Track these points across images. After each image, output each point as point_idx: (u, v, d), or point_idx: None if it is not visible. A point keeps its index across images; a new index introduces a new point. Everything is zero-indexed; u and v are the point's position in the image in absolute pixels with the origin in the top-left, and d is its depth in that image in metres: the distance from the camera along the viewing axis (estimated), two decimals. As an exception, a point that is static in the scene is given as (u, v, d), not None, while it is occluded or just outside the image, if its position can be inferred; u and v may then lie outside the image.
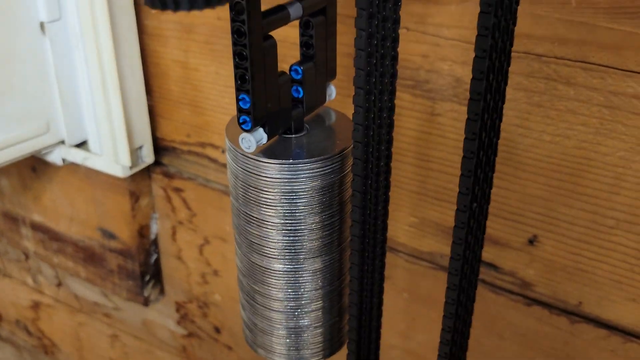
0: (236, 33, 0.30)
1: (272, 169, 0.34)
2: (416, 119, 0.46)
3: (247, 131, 0.33)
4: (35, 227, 0.74)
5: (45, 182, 0.70)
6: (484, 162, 0.32)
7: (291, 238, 0.37)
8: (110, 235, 0.67)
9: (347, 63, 0.43)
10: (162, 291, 0.71)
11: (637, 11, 0.36)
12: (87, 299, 0.82)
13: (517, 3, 0.29)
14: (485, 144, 0.31)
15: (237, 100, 0.32)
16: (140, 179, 0.63)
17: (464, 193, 0.31)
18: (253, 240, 0.38)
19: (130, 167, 0.58)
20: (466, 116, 0.30)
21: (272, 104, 0.33)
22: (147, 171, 0.63)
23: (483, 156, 0.31)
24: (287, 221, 0.36)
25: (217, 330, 0.70)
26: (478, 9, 0.28)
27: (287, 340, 0.41)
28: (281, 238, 0.37)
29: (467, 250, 0.34)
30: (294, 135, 0.36)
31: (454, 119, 0.45)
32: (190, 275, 0.68)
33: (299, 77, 0.35)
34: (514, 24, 0.29)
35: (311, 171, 0.34)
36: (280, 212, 0.36)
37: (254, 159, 0.34)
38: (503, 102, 0.32)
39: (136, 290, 0.69)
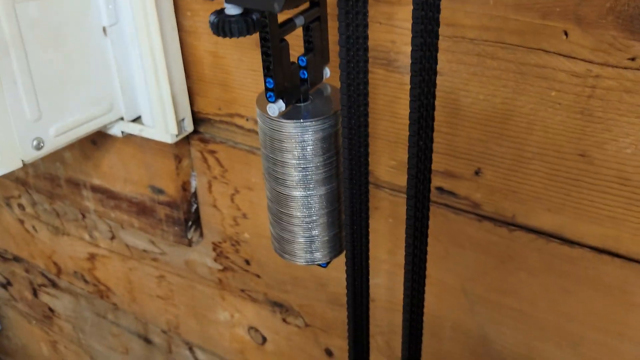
0: (263, 39, 0.47)
1: (289, 126, 0.52)
2: (389, 87, 0.63)
3: (272, 102, 0.50)
4: (95, 189, 0.92)
5: (104, 151, 0.87)
6: (425, 113, 0.48)
7: (303, 173, 0.54)
8: (159, 191, 0.85)
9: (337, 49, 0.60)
10: (201, 234, 0.89)
11: (532, 7, 0.52)
12: (137, 247, 1.00)
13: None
14: (425, 96, 0.48)
15: (265, 82, 0.49)
16: (182, 145, 0.80)
17: (412, 135, 0.48)
18: (277, 176, 0.55)
19: (177, 135, 0.75)
20: (413, 85, 0.47)
21: (287, 83, 0.50)
22: (187, 138, 0.81)
23: (423, 110, 0.48)
24: (300, 161, 0.54)
25: (247, 262, 0.88)
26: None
27: (304, 246, 0.59)
28: (297, 173, 0.54)
29: (418, 175, 0.51)
30: (302, 104, 0.53)
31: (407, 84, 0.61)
32: (224, 219, 0.85)
33: (304, 64, 0.52)
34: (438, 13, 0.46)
35: (315, 126, 0.51)
36: (296, 155, 0.53)
37: (277, 120, 0.52)
38: (435, 67, 0.48)
39: (182, 234, 0.86)
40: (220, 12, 0.38)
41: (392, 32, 0.60)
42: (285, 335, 0.91)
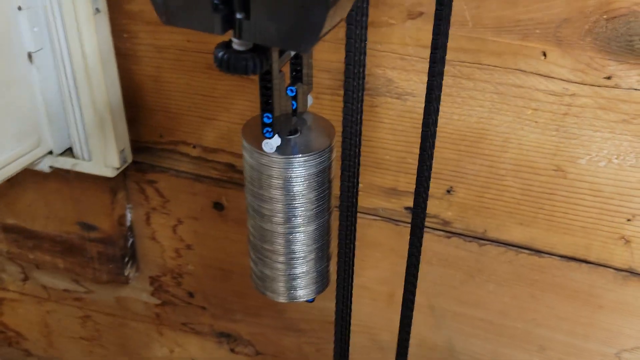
0: (265, 72, 0.44)
1: (285, 162, 0.48)
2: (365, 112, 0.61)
3: (269, 138, 0.46)
4: (8, 229, 0.82)
5: (20, 188, 0.78)
6: (430, 142, 0.48)
7: (296, 209, 0.51)
8: (90, 227, 0.77)
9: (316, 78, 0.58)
10: (137, 269, 0.82)
11: (512, 29, 0.53)
12: (56, 287, 0.91)
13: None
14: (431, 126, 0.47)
15: (262, 117, 0.46)
16: (117, 176, 0.73)
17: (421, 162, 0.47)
18: (263, 212, 0.52)
19: (118, 168, 0.69)
20: (397, 107, 0.46)
21: (282, 117, 0.47)
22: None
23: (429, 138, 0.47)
24: (293, 198, 0.50)
25: (191, 294, 0.82)
26: (403, 31, 0.43)
27: (288, 283, 0.56)
28: (283, 209, 0.51)
29: (420, 196, 0.50)
30: (292, 137, 0.50)
31: (387, 109, 0.60)
32: (165, 251, 0.80)
33: (293, 94, 0.49)
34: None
35: (312, 161, 0.49)
36: (290, 192, 0.50)
37: (271, 157, 0.48)
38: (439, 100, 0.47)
39: (117, 272, 0.79)
40: (227, 47, 0.34)
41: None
42: (233, 365, 0.87)
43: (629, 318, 0.63)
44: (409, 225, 0.65)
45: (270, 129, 0.46)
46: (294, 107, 0.49)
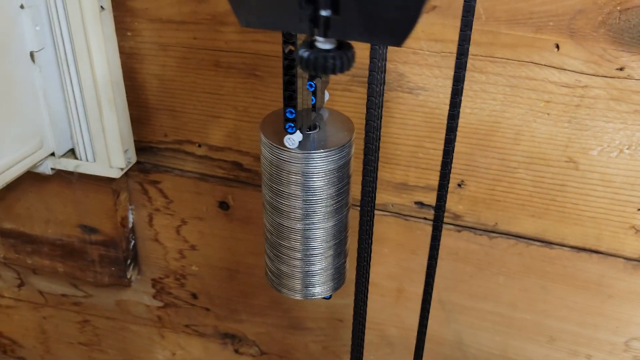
0: (288, 67, 0.43)
1: (302, 157, 0.48)
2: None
3: (291, 134, 0.46)
4: (5, 234, 0.80)
5: (19, 191, 0.76)
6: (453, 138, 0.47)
7: (310, 205, 0.51)
8: (92, 230, 0.76)
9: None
10: (139, 272, 0.81)
11: (526, 21, 0.53)
12: (54, 293, 0.89)
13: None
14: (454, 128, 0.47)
15: (285, 112, 0.45)
16: (119, 178, 0.72)
17: (445, 158, 0.47)
18: (282, 208, 0.51)
19: (122, 169, 0.67)
20: (408, 101, 0.46)
21: (303, 112, 0.47)
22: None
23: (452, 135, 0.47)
24: (309, 194, 0.50)
25: (195, 296, 0.81)
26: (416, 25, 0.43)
27: (305, 280, 0.55)
28: (303, 205, 0.51)
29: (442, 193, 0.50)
30: (312, 132, 0.49)
31: (398, 103, 0.60)
32: (168, 253, 0.79)
33: (312, 89, 0.48)
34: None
35: (333, 156, 0.48)
36: (305, 188, 0.49)
37: (290, 151, 0.48)
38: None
39: (119, 274, 0.78)
40: (311, 47, 0.33)
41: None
42: (237, 366, 0.87)
43: (638, 307, 0.64)
44: (419, 220, 0.65)
45: (293, 125, 0.46)
46: (313, 102, 0.49)
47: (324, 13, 0.29)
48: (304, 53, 0.31)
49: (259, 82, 0.63)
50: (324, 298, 0.57)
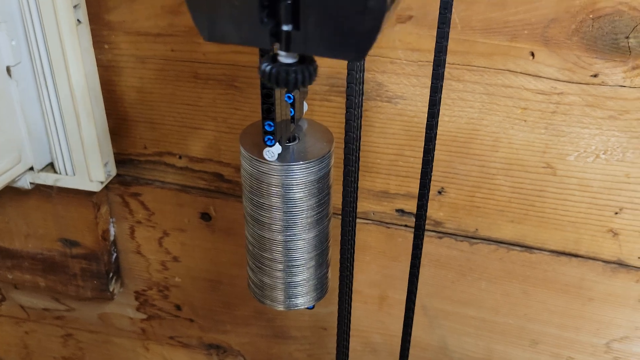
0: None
1: (282, 169, 0.48)
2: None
3: (270, 146, 0.46)
4: (-16, 249, 0.80)
5: (-3, 206, 0.76)
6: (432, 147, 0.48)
7: (291, 217, 0.51)
8: (73, 243, 0.75)
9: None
10: (122, 285, 0.81)
11: (501, 30, 0.54)
12: (35, 307, 0.88)
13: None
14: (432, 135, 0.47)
15: (264, 125, 0.45)
16: (99, 191, 0.72)
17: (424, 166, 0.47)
18: (263, 220, 0.51)
19: (102, 182, 0.67)
20: (387, 110, 0.46)
21: (282, 124, 0.47)
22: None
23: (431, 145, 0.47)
24: (290, 205, 0.50)
25: (178, 307, 0.81)
26: (392, 35, 0.44)
27: (288, 291, 0.55)
28: (283, 217, 0.51)
29: (423, 200, 0.50)
30: (291, 144, 0.50)
31: (377, 112, 0.60)
32: (150, 265, 0.78)
33: (291, 101, 0.49)
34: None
35: (313, 167, 0.48)
36: (285, 200, 0.49)
37: (270, 164, 0.48)
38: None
39: (102, 288, 0.78)
40: (273, 61, 0.33)
41: (352, 59, 0.58)
42: (222, 376, 0.86)
43: (618, 309, 0.64)
44: (401, 227, 0.65)
45: (272, 137, 0.46)
46: (292, 114, 0.49)
47: (285, 28, 0.29)
48: (266, 67, 0.32)
49: (238, 93, 0.63)
50: (307, 308, 0.57)
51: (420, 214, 0.50)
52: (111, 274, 0.78)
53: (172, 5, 0.60)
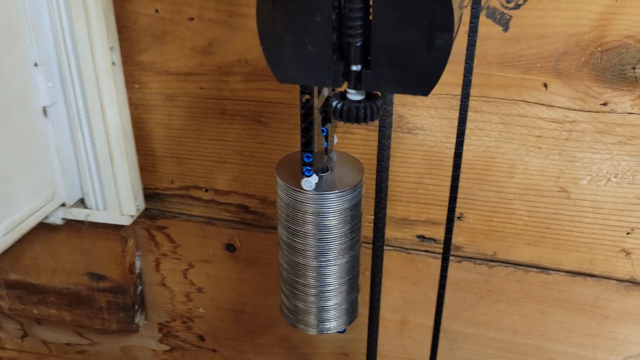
0: (305, 114, 0.46)
1: (318, 198, 0.51)
2: (371, 146, 0.64)
3: (308, 177, 0.49)
4: (10, 285, 0.81)
5: (26, 242, 0.77)
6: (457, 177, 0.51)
7: (325, 244, 0.54)
8: (100, 277, 0.77)
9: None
10: (146, 317, 0.82)
11: (515, 64, 0.57)
12: (57, 342, 0.89)
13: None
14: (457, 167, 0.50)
15: (303, 157, 0.48)
16: (127, 225, 0.74)
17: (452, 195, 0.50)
18: (298, 247, 0.54)
19: (132, 216, 0.70)
20: (407, 141, 0.49)
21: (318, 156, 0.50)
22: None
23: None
24: (324, 232, 0.53)
25: (202, 338, 0.83)
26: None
27: (320, 316, 0.58)
28: (317, 243, 0.54)
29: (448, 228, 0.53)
30: (325, 174, 0.53)
31: (398, 143, 0.64)
32: (174, 297, 0.80)
33: (325, 133, 0.52)
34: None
35: (346, 196, 0.51)
36: (320, 227, 0.52)
37: (306, 193, 0.51)
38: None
39: (128, 320, 0.79)
40: (342, 97, 0.36)
41: (374, 93, 0.62)
42: (243, 406, 0.88)
43: (633, 326, 0.67)
44: (421, 252, 0.68)
45: (310, 168, 0.49)
46: (326, 146, 0.52)
47: (354, 68, 0.33)
48: (337, 104, 0.35)
49: (263, 127, 0.66)
50: (338, 332, 0.59)
51: (448, 238, 0.53)
52: (136, 307, 0.79)
53: (202, 46, 0.63)
